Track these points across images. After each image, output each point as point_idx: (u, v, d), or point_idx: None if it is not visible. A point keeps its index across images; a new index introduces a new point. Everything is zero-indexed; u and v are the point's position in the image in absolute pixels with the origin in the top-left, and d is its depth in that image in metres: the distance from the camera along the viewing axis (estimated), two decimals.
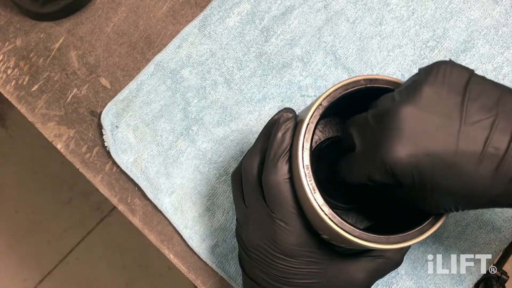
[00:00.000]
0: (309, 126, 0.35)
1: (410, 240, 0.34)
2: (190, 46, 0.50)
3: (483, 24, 0.49)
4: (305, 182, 0.34)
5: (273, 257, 0.37)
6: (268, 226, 0.36)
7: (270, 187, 0.36)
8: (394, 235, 0.34)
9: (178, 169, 0.48)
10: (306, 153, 0.34)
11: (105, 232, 1.28)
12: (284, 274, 0.37)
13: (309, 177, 0.34)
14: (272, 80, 0.49)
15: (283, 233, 0.36)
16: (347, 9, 0.50)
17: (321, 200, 0.34)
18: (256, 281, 0.39)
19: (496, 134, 0.29)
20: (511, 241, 0.46)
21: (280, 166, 0.35)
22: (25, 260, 1.27)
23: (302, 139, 0.35)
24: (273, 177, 0.35)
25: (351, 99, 0.36)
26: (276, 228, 0.36)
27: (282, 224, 0.36)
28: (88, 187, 0.56)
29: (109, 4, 0.51)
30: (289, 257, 0.36)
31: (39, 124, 0.49)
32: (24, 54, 0.50)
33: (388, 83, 0.36)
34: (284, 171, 0.35)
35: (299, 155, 0.34)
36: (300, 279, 0.37)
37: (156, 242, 0.47)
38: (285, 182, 0.35)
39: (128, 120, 0.48)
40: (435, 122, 0.30)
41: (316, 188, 0.34)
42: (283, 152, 0.36)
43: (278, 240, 0.36)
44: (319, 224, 0.35)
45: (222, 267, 0.46)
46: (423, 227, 0.34)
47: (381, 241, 0.34)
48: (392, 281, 0.46)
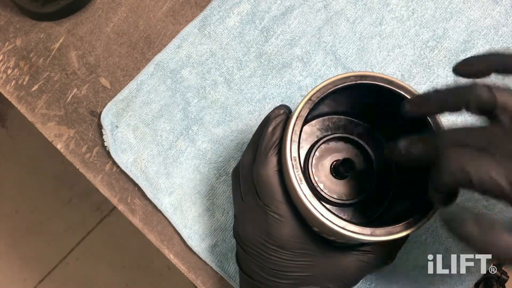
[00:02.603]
0: (297, 120, 0.36)
1: (396, 233, 0.35)
2: (190, 46, 0.50)
3: (483, 24, 0.49)
4: (292, 173, 0.35)
5: (268, 250, 0.37)
6: (262, 219, 0.37)
7: (260, 179, 0.37)
8: (380, 228, 0.34)
9: (178, 169, 0.48)
10: (294, 145, 0.35)
11: (105, 232, 1.28)
12: (278, 267, 0.37)
13: (296, 168, 0.35)
14: (272, 80, 0.49)
15: (276, 225, 0.37)
16: (347, 9, 0.50)
17: (307, 190, 0.34)
18: (252, 276, 0.39)
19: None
20: None
21: (270, 159, 0.37)
22: (25, 260, 1.27)
23: (291, 132, 0.36)
24: (263, 169, 0.37)
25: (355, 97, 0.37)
26: (270, 221, 0.37)
27: (275, 216, 0.36)
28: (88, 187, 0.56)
29: (109, 4, 0.51)
30: (283, 249, 0.37)
31: (39, 124, 0.49)
32: (24, 54, 0.50)
33: (377, 79, 0.37)
34: (274, 163, 0.37)
35: (287, 147, 0.35)
36: (293, 272, 0.37)
37: (156, 242, 0.47)
38: (274, 173, 0.36)
39: (128, 120, 0.48)
40: None
41: (303, 179, 0.34)
42: (273, 145, 0.37)
43: (272, 232, 0.37)
44: (307, 215, 0.36)
45: (221, 266, 0.46)
46: (410, 222, 0.35)
47: (366, 233, 0.34)
48: (392, 281, 0.46)
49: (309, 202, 0.34)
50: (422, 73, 0.49)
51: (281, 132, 0.37)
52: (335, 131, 0.43)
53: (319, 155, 0.41)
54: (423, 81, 0.48)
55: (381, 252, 0.38)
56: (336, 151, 0.42)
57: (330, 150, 0.42)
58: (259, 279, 0.38)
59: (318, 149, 0.41)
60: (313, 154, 0.41)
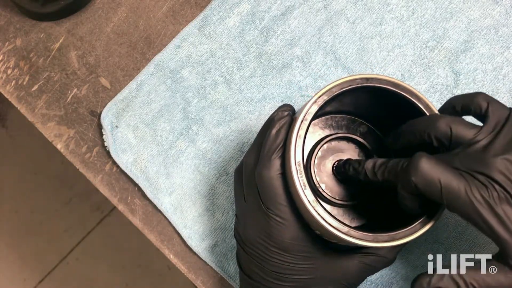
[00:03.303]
0: (302, 124, 0.36)
1: (398, 239, 0.34)
2: (190, 46, 0.50)
3: (483, 24, 0.49)
4: (296, 178, 0.34)
5: (269, 252, 0.37)
6: (264, 221, 0.37)
7: (263, 182, 0.37)
8: (382, 234, 0.34)
9: (178, 169, 0.48)
10: (298, 150, 0.35)
11: (105, 232, 1.28)
12: (279, 269, 0.37)
13: (300, 173, 0.35)
14: (272, 80, 0.49)
15: (278, 228, 0.36)
16: (347, 9, 0.50)
17: (311, 196, 0.34)
18: (251, 276, 0.39)
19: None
20: None
21: (274, 162, 0.36)
22: (25, 260, 1.27)
23: (295, 136, 0.35)
24: (266, 172, 0.36)
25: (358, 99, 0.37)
26: (272, 223, 0.36)
27: (277, 219, 0.36)
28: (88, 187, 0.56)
29: (109, 4, 0.51)
30: (284, 251, 0.37)
31: (39, 124, 0.49)
32: (24, 54, 0.50)
33: (384, 82, 0.36)
34: (277, 166, 0.36)
35: (291, 151, 0.35)
36: (295, 275, 0.37)
37: (156, 242, 0.47)
38: (277, 177, 0.36)
39: (128, 120, 0.48)
40: None
41: (306, 184, 0.34)
42: (276, 148, 0.36)
43: (274, 234, 0.37)
44: (310, 220, 0.35)
45: (221, 266, 0.46)
46: (413, 227, 0.35)
47: (368, 239, 0.34)
48: (392, 281, 0.46)
49: (313, 208, 0.34)
50: (422, 73, 0.49)
51: (285, 135, 0.37)
52: (337, 131, 0.42)
53: (321, 155, 0.41)
54: (423, 81, 0.48)
55: (383, 255, 0.38)
56: (338, 151, 0.41)
57: (332, 149, 0.41)
58: (259, 279, 0.38)
59: (321, 149, 0.41)
60: (315, 155, 0.41)
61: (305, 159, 0.41)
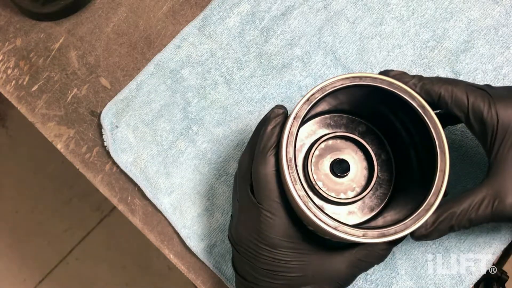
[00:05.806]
0: (294, 121, 0.36)
1: (389, 235, 0.35)
2: (190, 46, 0.50)
3: (483, 24, 0.49)
4: (287, 174, 0.35)
5: (259, 249, 0.37)
6: (255, 218, 0.37)
7: (258, 178, 0.37)
8: (372, 230, 0.35)
9: (177, 169, 0.48)
10: (290, 147, 0.36)
11: (105, 232, 1.28)
12: (269, 267, 0.37)
13: (291, 169, 0.35)
14: (272, 80, 0.49)
15: (268, 224, 0.37)
16: (347, 9, 0.50)
17: (302, 191, 0.35)
18: (245, 277, 0.39)
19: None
20: (511, 241, 0.46)
21: (269, 159, 0.37)
22: (25, 260, 1.27)
23: (287, 133, 0.36)
24: (261, 169, 0.37)
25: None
26: (262, 219, 0.37)
27: (268, 215, 0.37)
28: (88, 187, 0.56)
29: (109, 4, 0.51)
30: (274, 248, 0.37)
31: (39, 124, 0.49)
32: (24, 54, 0.50)
33: (377, 81, 0.37)
34: (272, 163, 0.37)
35: (283, 148, 0.36)
36: (286, 272, 0.37)
37: (156, 242, 0.47)
38: (272, 173, 0.37)
39: (128, 120, 0.48)
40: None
41: (297, 180, 0.35)
42: (271, 146, 0.37)
43: (263, 230, 0.37)
44: (301, 215, 0.36)
45: (219, 267, 0.46)
46: (404, 224, 0.35)
47: (357, 234, 0.35)
48: (392, 281, 0.46)
49: (303, 202, 0.35)
50: (422, 73, 0.48)
51: (280, 132, 0.37)
52: (336, 129, 0.43)
53: (319, 153, 0.41)
54: None
55: (374, 250, 0.38)
56: (336, 150, 0.42)
57: (330, 148, 0.42)
58: (252, 280, 0.39)
59: (319, 148, 0.41)
60: (313, 153, 0.41)
61: (303, 157, 0.41)
